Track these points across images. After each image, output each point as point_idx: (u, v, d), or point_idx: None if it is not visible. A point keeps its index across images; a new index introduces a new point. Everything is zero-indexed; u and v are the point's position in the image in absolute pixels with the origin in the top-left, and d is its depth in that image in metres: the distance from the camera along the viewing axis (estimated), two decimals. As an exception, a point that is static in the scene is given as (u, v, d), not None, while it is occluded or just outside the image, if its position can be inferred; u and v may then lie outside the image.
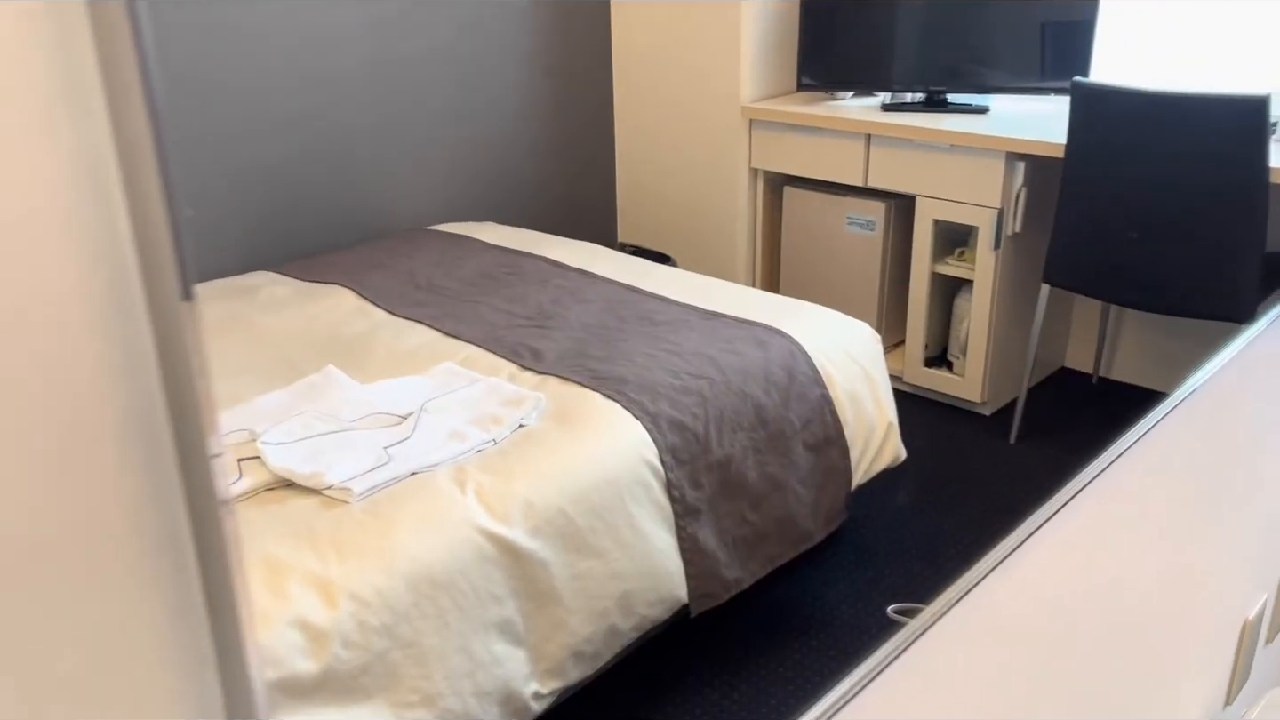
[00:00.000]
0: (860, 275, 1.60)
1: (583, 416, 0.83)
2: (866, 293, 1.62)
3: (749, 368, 0.99)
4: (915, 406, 1.60)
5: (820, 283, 1.66)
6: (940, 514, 1.23)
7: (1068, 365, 1.70)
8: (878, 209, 1.51)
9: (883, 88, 1.53)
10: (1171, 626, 0.84)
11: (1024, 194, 1.41)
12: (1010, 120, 1.44)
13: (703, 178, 1.70)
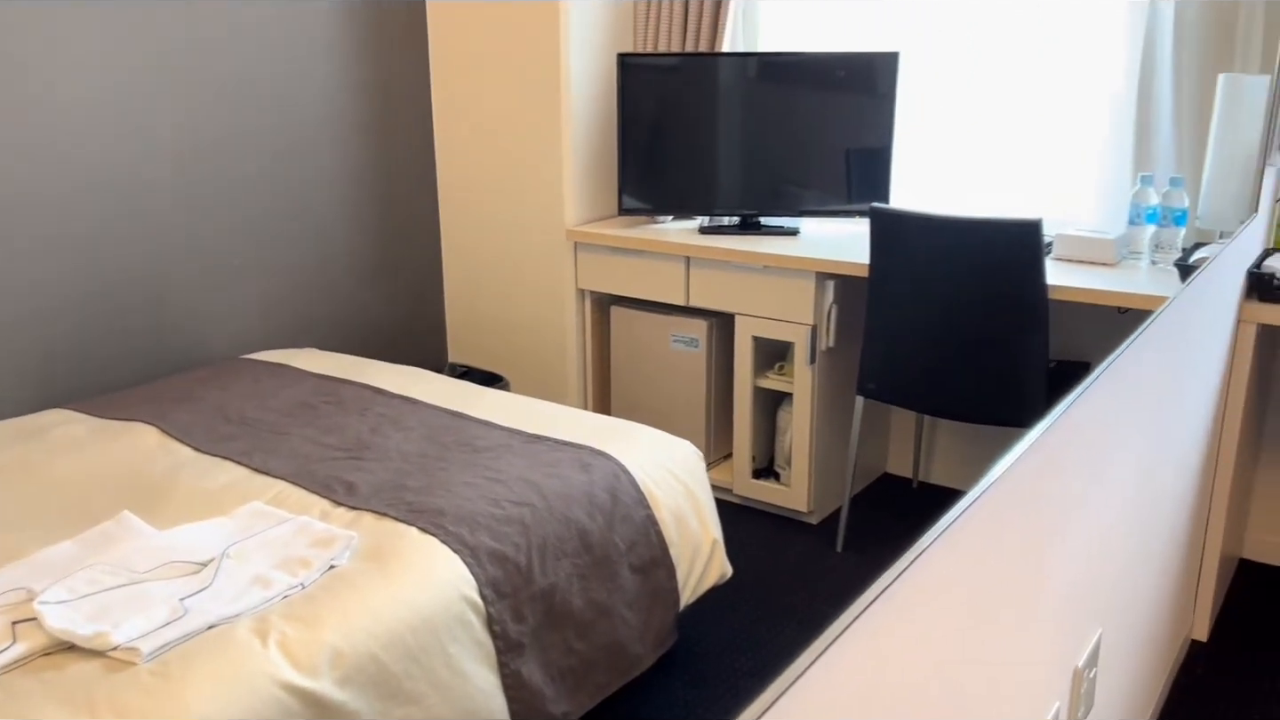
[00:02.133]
0: (687, 391, 1.64)
1: (398, 553, 0.81)
2: (694, 408, 1.65)
3: (572, 492, 0.98)
4: (746, 518, 1.62)
5: (650, 399, 1.69)
6: (771, 627, 1.24)
7: (889, 471, 1.76)
8: (700, 327, 1.55)
9: (700, 212, 1.59)
10: (994, 695, 0.87)
11: (835, 311, 1.48)
12: (820, 241, 1.52)
13: (532, 298, 1.72)
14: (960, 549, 0.82)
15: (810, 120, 1.51)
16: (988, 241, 1.17)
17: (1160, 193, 1.83)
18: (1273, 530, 3.19)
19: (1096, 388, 1.29)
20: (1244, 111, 2.21)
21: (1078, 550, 1.36)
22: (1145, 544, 2.00)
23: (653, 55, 1.49)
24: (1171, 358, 1.89)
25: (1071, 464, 1.25)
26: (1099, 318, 1.63)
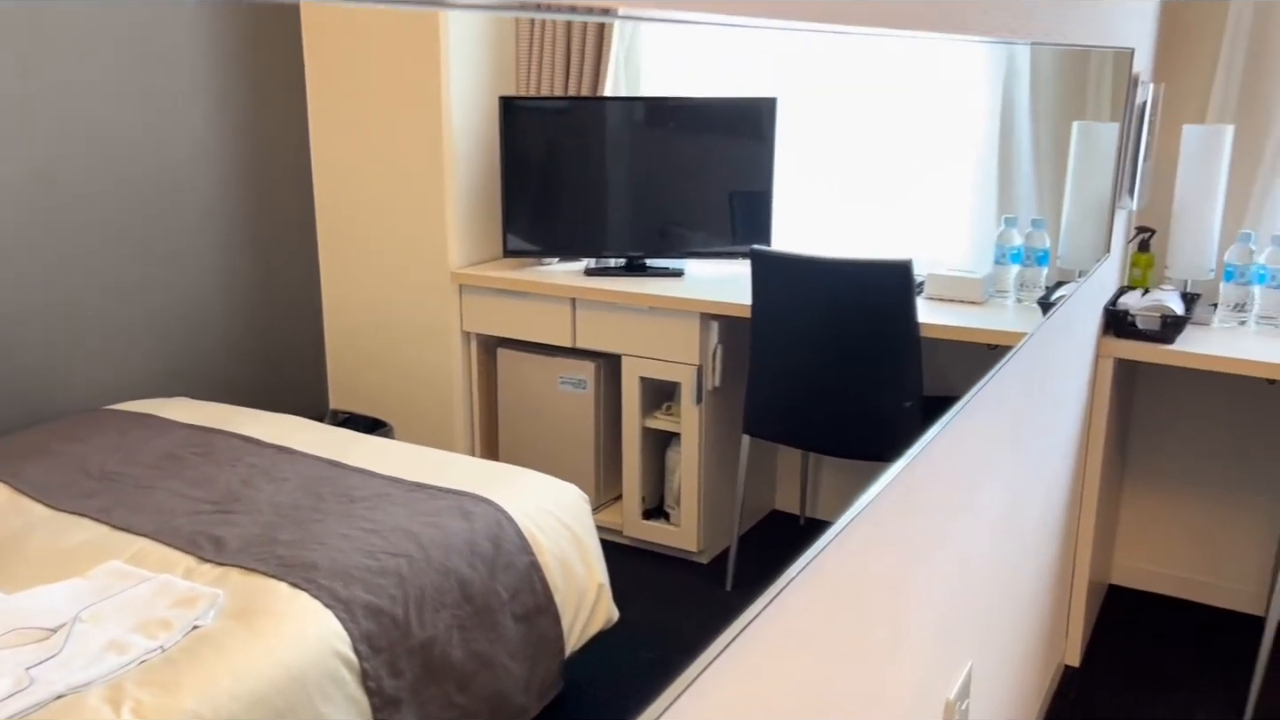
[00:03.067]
0: (576, 433, 1.63)
1: (266, 610, 0.78)
2: (583, 450, 1.64)
3: (452, 541, 0.96)
4: (636, 559, 1.61)
5: (538, 443, 1.67)
6: (660, 669, 1.24)
7: (778, 508, 1.78)
8: (588, 368, 1.55)
9: (586, 253, 1.59)
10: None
11: (720, 351, 1.49)
12: (705, 282, 1.53)
13: (416, 342, 1.69)
14: (822, 586, 0.82)
15: (694, 163, 1.53)
16: (861, 282, 1.20)
17: (1023, 234, 1.90)
18: (1139, 556, 3.31)
19: (959, 421, 1.33)
20: (1097, 157, 2.32)
21: (945, 582, 1.38)
22: (1014, 573, 2.05)
23: (536, 98, 1.49)
24: (1033, 391, 1.96)
25: (936, 497, 1.28)
26: (970, 354, 1.68)
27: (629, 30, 1.12)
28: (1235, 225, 2.93)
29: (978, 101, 1.63)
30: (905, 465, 1.07)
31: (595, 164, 1.44)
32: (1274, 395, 2.99)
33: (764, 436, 1.41)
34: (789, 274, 1.29)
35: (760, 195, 1.51)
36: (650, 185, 1.60)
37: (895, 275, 1.20)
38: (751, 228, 1.55)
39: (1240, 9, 2.80)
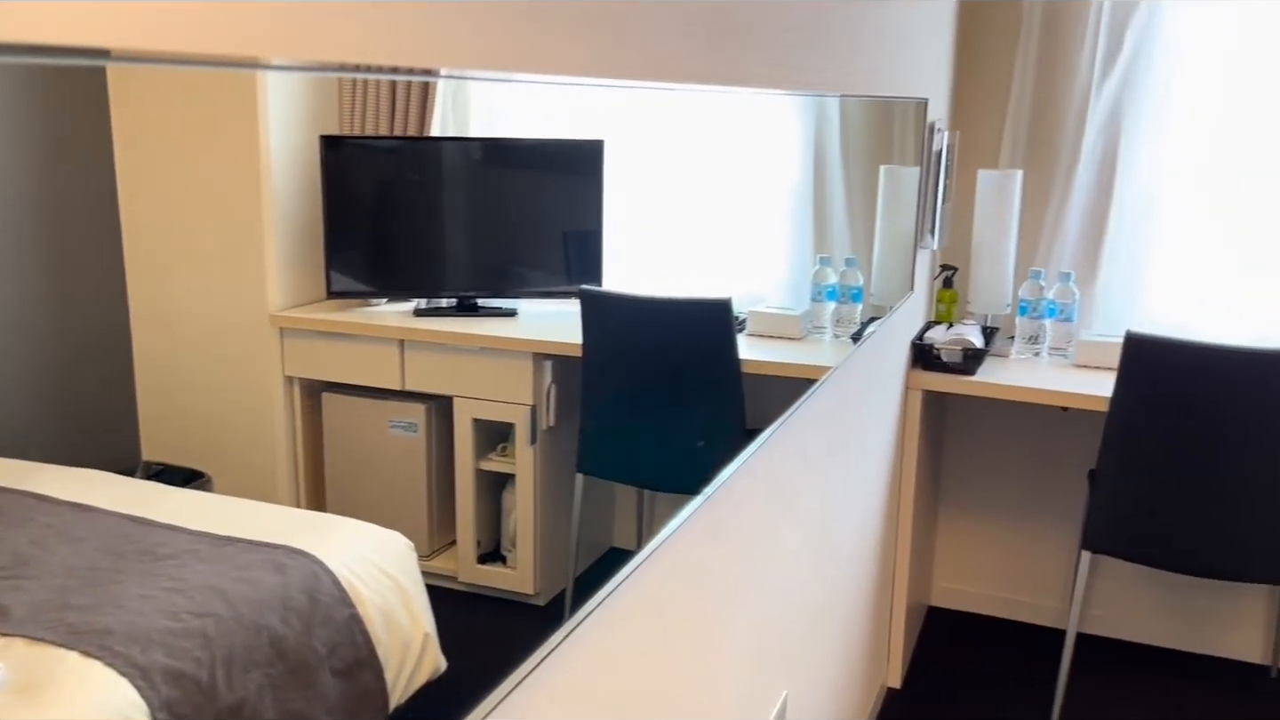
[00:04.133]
0: (407, 478, 1.59)
1: (54, 682, 0.73)
2: (415, 495, 1.61)
3: (264, 597, 0.92)
4: (472, 605, 1.59)
5: (368, 490, 1.63)
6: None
7: (616, 545, 1.79)
8: (419, 411, 1.52)
9: (416, 294, 1.57)
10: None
11: (554, 390, 1.50)
12: (538, 322, 1.54)
13: (235, 388, 1.62)
14: (619, 625, 0.82)
15: (524, 204, 1.54)
16: (684, 320, 1.23)
17: (838, 272, 1.99)
18: (955, 578, 3.48)
19: (766, 453, 1.38)
20: (902, 199, 2.46)
21: (756, 612, 1.42)
22: (831, 599, 2.12)
23: (359, 137, 1.47)
24: (843, 423, 2.04)
25: (743, 528, 1.32)
26: (795, 388, 1.73)
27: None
28: (1028, 263, 3.15)
29: (793, 148, 1.70)
30: (704, 500, 1.10)
31: (423, 204, 1.43)
32: (1067, 421, 3.22)
33: (598, 474, 1.42)
34: (616, 313, 1.31)
35: (591, 235, 1.53)
36: (481, 225, 1.59)
37: (716, 313, 1.25)
38: (583, 267, 1.56)
39: (1025, 63, 3.04)
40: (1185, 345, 2.45)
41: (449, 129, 1.36)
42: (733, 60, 1.20)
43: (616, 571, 1.71)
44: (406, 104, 1.36)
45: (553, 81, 1.06)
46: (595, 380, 1.38)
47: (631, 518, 1.87)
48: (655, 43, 1.13)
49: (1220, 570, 2.51)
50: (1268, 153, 2.89)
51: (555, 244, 1.60)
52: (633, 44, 1.08)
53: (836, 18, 1.64)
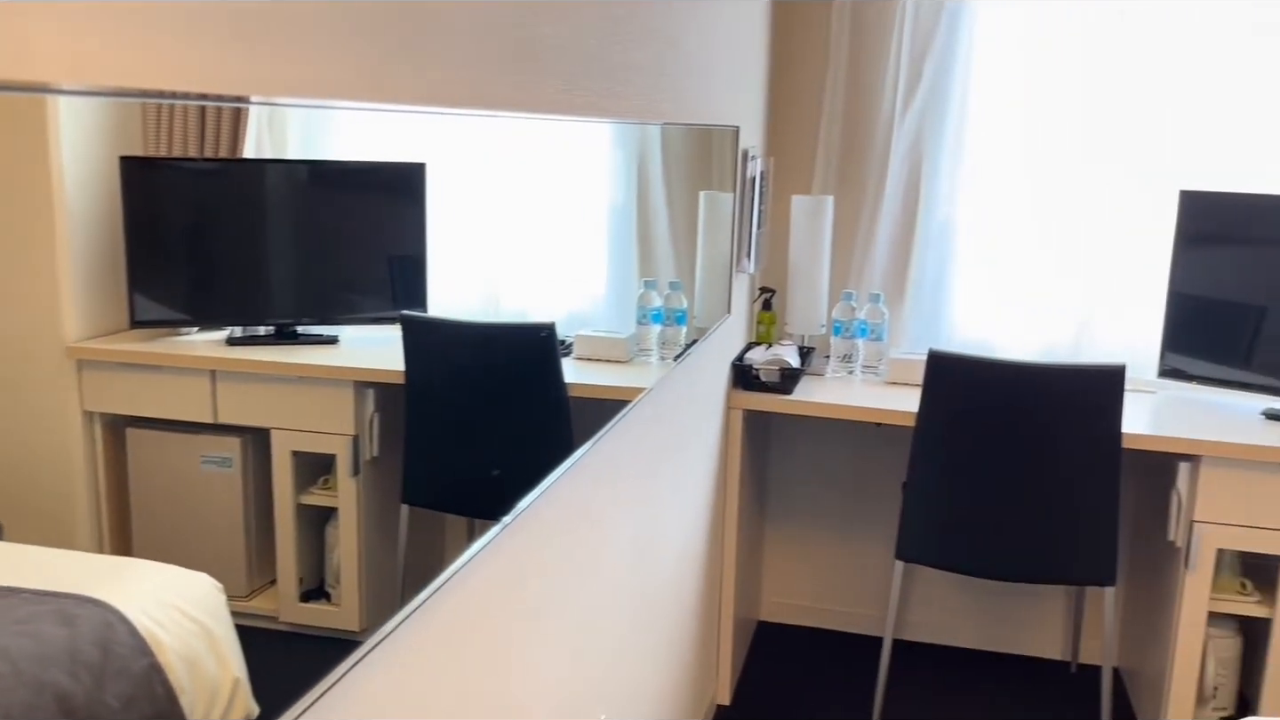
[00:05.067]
0: (222, 516, 1.52)
1: None
2: (231, 534, 1.53)
3: (48, 651, 0.86)
4: (294, 646, 1.52)
5: (179, 530, 1.54)
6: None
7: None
8: (233, 445, 1.45)
9: (230, 322, 1.51)
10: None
11: (377, 419, 1.46)
12: (361, 349, 1.50)
13: (27, 426, 1.51)
14: (408, 661, 0.80)
15: (345, 228, 1.50)
16: (507, 344, 1.22)
17: (663, 295, 2.02)
18: (783, 592, 3.57)
19: (572, 477, 1.38)
20: (721, 224, 2.53)
21: (567, 637, 1.42)
22: (651, 619, 2.15)
23: (164, 159, 1.40)
24: (660, 443, 2.08)
25: (550, 553, 1.32)
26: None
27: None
28: (841, 285, 3.29)
29: (617, 173, 1.73)
30: (502, 529, 1.10)
31: (236, 228, 1.37)
32: (882, 436, 3.37)
33: (423, 505, 1.39)
34: (439, 338, 1.29)
35: (414, 259, 1.51)
36: (299, 250, 1.54)
37: (540, 337, 1.24)
38: (408, 292, 1.53)
39: (833, 94, 3.19)
40: (980, 361, 2.61)
41: (265, 150, 1.31)
42: (530, 87, 1.21)
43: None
44: (218, 124, 1.31)
45: (355, 108, 1.04)
46: (419, 408, 1.35)
47: (463, 548, 1.84)
48: (459, 70, 1.12)
49: (1020, 574, 2.68)
50: (1056, 179, 3.12)
51: (378, 268, 1.57)
52: (437, 71, 1.07)
53: (642, 49, 1.68)
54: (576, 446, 1.64)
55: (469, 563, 1.05)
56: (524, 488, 1.33)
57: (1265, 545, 2.59)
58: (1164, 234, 3.01)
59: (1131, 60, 3.00)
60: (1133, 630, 3.17)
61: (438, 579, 0.70)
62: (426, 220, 1.43)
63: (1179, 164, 3.01)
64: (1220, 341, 2.82)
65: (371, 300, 1.63)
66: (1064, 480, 2.59)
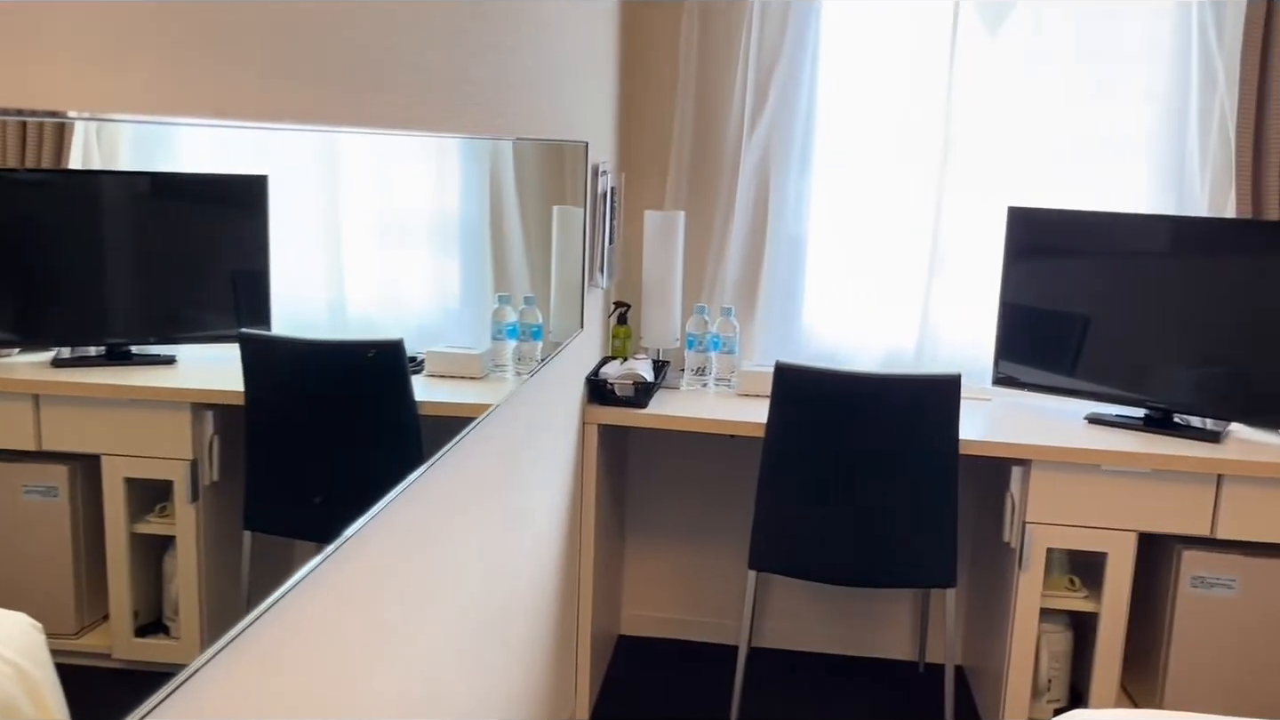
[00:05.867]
0: (47, 549, 1.43)
1: None
2: (57, 568, 1.44)
3: None
4: (127, 684, 1.44)
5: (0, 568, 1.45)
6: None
7: (290, 604, 1.70)
8: (59, 473, 1.37)
9: (56, 342, 1.42)
10: None
11: (217, 442, 1.40)
12: (200, 369, 1.43)
13: None
14: (223, 701, 0.77)
15: (183, 243, 1.43)
16: (354, 362, 1.19)
17: (518, 310, 2.01)
18: (643, 605, 3.59)
19: (410, 499, 1.36)
20: (575, 238, 2.53)
21: (409, 661, 1.40)
22: (503, 637, 2.13)
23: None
24: (511, 460, 2.07)
25: (386, 578, 1.30)
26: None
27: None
28: (694, 299, 3.34)
29: (469, 185, 1.71)
30: (323, 559, 1.08)
31: (63, 243, 1.30)
32: (737, 447, 3.43)
33: (267, 530, 1.34)
34: (280, 357, 1.25)
35: (257, 275, 1.45)
36: (133, 266, 1.47)
37: (387, 354, 1.22)
38: (251, 309, 1.48)
39: (684, 111, 3.24)
40: (823, 372, 2.69)
41: (94, 162, 1.24)
42: (368, 103, 1.19)
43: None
44: (40, 134, 1.24)
45: (183, 124, 1.01)
46: (261, 430, 1.30)
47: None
48: (295, 86, 1.10)
49: (867, 580, 2.77)
50: (900, 192, 3.24)
51: (218, 285, 1.51)
52: (265, 85, 1.04)
53: (483, 64, 1.67)
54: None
55: (291, 591, 1.01)
56: (365, 510, 1.30)
57: (1091, 543, 2.75)
58: (1000, 247, 3.17)
59: (967, 78, 3.15)
60: (974, 629, 3.31)
61: (253, 611, 0.68)
62: (269, 234, 1.38)
63: (1015, 179, 3.17)
64: (1048, 350, 2.99)
65: (212, 318, 1.57)
66: (906, 487, 2.69)
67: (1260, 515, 2.66)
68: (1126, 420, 2.93)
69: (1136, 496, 2.71)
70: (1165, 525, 2.71)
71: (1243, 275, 2.73)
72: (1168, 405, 2.86)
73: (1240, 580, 2.72)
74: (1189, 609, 2.76)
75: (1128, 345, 2.88)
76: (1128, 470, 2.70)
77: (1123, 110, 3.11)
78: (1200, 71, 3.02)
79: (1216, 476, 2.67)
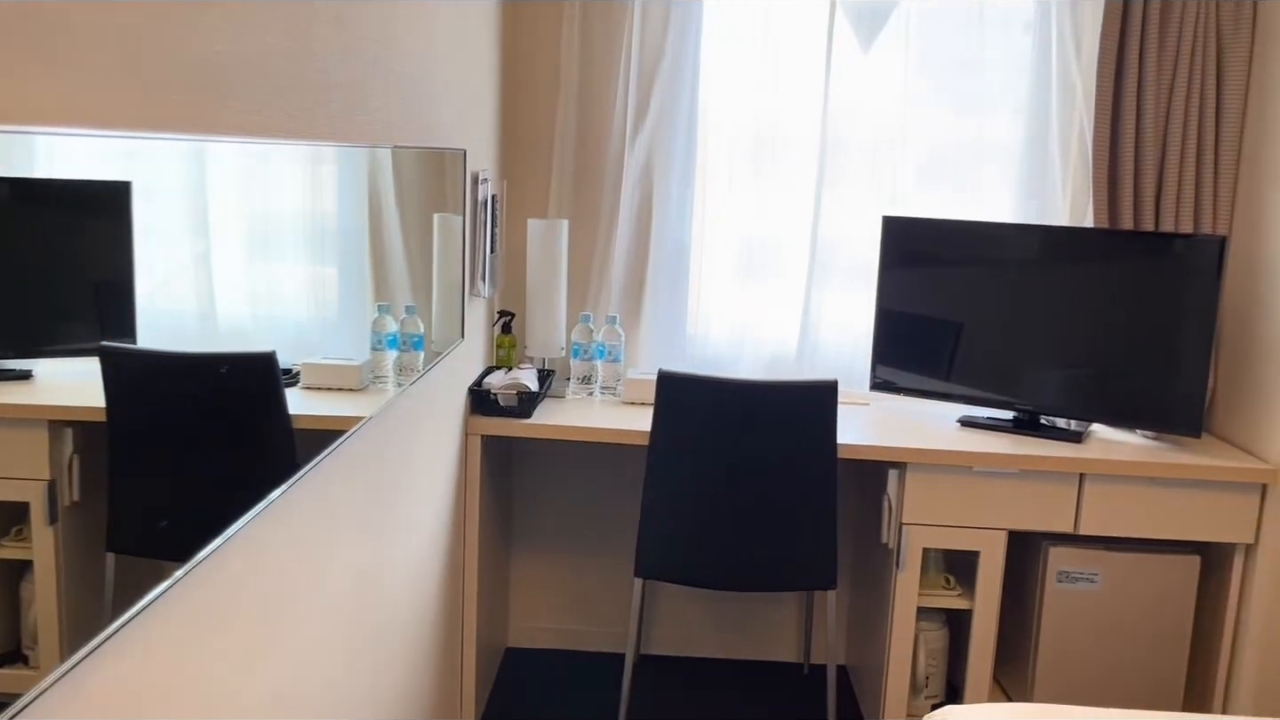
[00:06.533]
0: (-112, 577, 1.34)
1: None
2: (-101, 597, 1.36)
3: None
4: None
5: None
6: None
7: (159, 628, 1.63)
8: (-100, 497, 1.29)
9: (-106, 358, 1.33)
10: None
11: (77, 461, 1.33)
12: (58, 384, 1.36)
13: None
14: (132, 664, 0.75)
15: (38, 252, 1.36)
16: (222, 375, 1.15)
17: (399, 320, 1.97)
18: (532, 617, 3.56)
19: (275, 516, 1.33)
20: (455, 247, 2.51)
21: (274, 686, 1.37)
22: (380, 655, 2.10)
23: None
24: (387, 474, 2.03)
25: (249, 602, 1.27)
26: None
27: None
28: (579, 307, 3.34)
29: (349, 194, 1.67)
30: (172, 584, 1.05)
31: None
32: (624, 455, 3.44)
33: (131, 553, 1.28)
34: (143, 370, 1.20)
35: (120, 285, 1.39)
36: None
37: (259, 367, 1.18)
38: (115, 320, 1.41)
39: (566, 119, 3.23)
40: (704, 379, 2.72)
41: (-69, 167, 1.17)
42: (205, 106, 1.16)
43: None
44: None
45: (53, 133, 0.96)
46: (124, 447, 1.24)
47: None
48: (128, 89, 1.05)
49: (750, 584, 2.80)
50: (781, 199, 3.30)
51: (78, 295, 1.43)
52: (105, 90, 1.00)
53: (344, 68, 1.64)
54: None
55: (141, 614, 0.97)
56: (227, 528, 1.26)
57: (964, 543, 2.85)
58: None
59: (842, 87, 3.23)
60: (857, 630, 3.39)
61: (93, 640, 0.64)
62: (133, 243, 1.32)
63: (892, 187, 3.26)
64: (923, 355, 3.08)
65: (73, 329, 1.49)
66: (787, 491, 2.74)
67: (1119, 511, 2.80)
68: (996, 422, 3.04)
69: (1006, 496, 2.81)
70: (1033, 523, 2.82)
71: (1102, 282, 2.86)
72: (1035, 407, 2.97)
73: (1102, 574, 2.85)
74: (1056, 604, 2.88)
75: (998, 350, 2.99)
76: (997, 471, 2.80)
77: (991, 122, 3.24)
78: (1059, 86, 3.16)
79: (1079, 475, 2.79)
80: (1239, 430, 2.92)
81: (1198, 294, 2.74)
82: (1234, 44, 2.94)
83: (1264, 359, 2.80)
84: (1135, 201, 3.03)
